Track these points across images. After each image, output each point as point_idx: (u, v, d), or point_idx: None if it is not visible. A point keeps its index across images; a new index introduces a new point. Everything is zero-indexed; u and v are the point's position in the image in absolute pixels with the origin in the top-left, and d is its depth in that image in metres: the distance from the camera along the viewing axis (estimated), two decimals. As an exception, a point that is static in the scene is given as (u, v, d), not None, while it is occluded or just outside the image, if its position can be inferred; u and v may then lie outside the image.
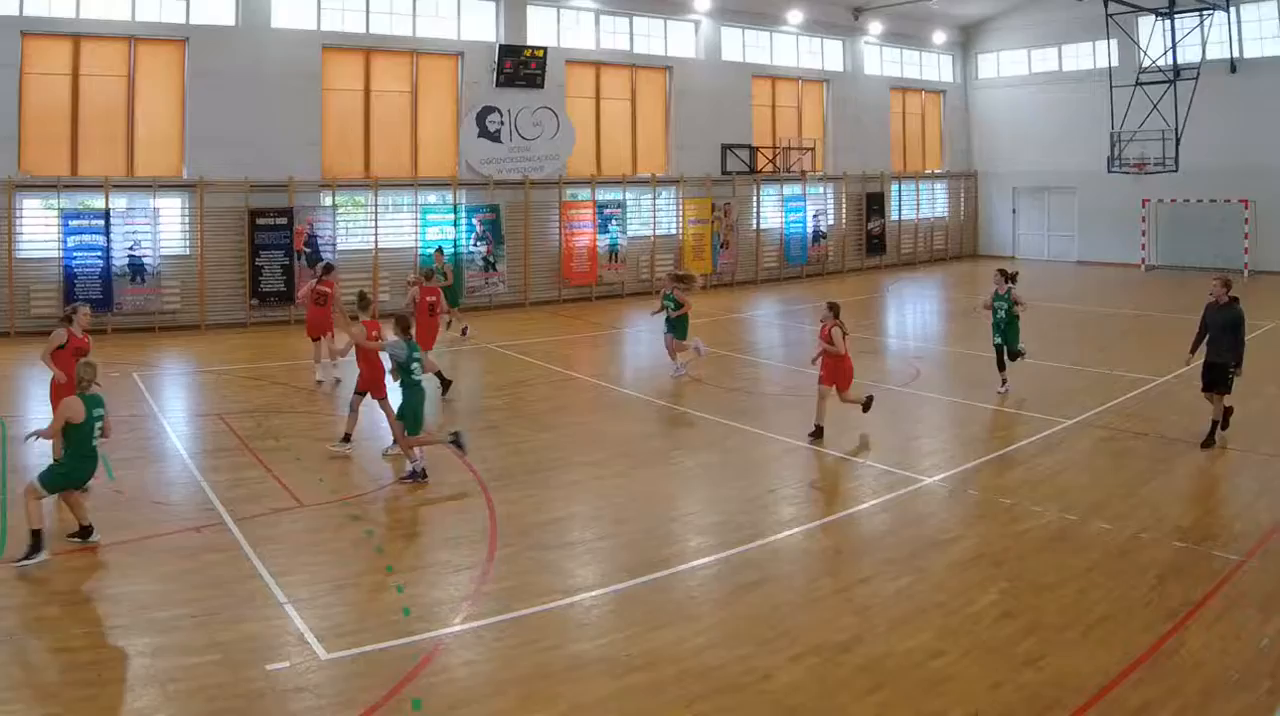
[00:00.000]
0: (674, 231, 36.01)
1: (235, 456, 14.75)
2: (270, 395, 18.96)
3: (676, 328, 20.55)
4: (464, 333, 25.70)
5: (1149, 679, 8.16)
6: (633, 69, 35.54)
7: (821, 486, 13.79)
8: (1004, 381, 18.74)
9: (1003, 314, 18.57)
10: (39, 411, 15.88)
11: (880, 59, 42.38)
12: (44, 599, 9.79)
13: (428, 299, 20.18)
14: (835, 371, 15.68)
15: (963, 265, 43.65)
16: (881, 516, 12.25)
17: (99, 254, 27.22)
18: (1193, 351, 15.57)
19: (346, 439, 14.94)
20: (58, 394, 12.77)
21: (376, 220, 30.93)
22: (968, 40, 45.98)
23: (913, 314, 32.85)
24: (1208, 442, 15.18)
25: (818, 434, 15.47)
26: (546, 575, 10.42)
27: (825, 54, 40.37)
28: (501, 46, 32.40)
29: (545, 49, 32.93)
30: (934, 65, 45.09)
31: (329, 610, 9.52)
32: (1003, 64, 45.14)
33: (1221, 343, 15.02)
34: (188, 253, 28.56)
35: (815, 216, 39.35)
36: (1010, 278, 18.93)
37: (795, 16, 38.33)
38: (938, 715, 7.71)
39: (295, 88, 29.45)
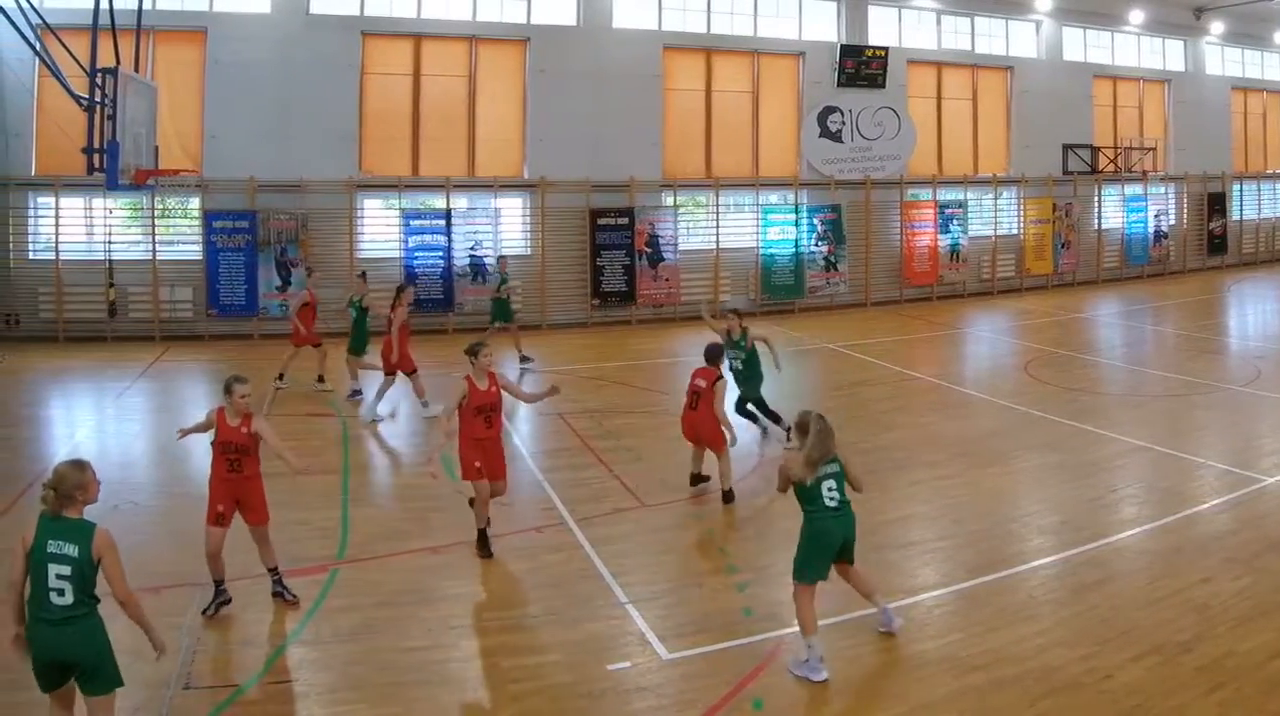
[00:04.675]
0: (1015, 231, 28.63)
1: (576, 456, 12.60)
2: (611, 395, 16.18)
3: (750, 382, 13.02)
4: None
5: None
6: (974, 69, 28.00)
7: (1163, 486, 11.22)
8: None
9: None
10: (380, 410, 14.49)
11: (1221, 59, 33.48)
12: (383, 599, 8.28)
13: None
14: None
15: (1306, 264, 36.25)
16: (1222, 517, 10.30)
17: (440, 254, 22.04)
18: None
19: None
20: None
21: (718, 220, 24.72)
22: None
23: (1254, 314, 26.68)
24: None
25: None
26: (887, 575, 8.55)
27: (1166, 54, 32.12)
28: (843, 46, 25.71)
29: (887, 49, 26.06)
30: (1276, 65, 35.84)
31: (670, 610, 8.15)
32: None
33: None
34: (528, 252, 23.08)
35: (1156, 216, 31.66)
36: None
37: (1136, 16, 30.03)
38: (1285, 722, 6.16)
39: (636, 87, 23.71)
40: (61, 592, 5.28)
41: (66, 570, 5.28)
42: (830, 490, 7.10)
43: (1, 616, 5.55)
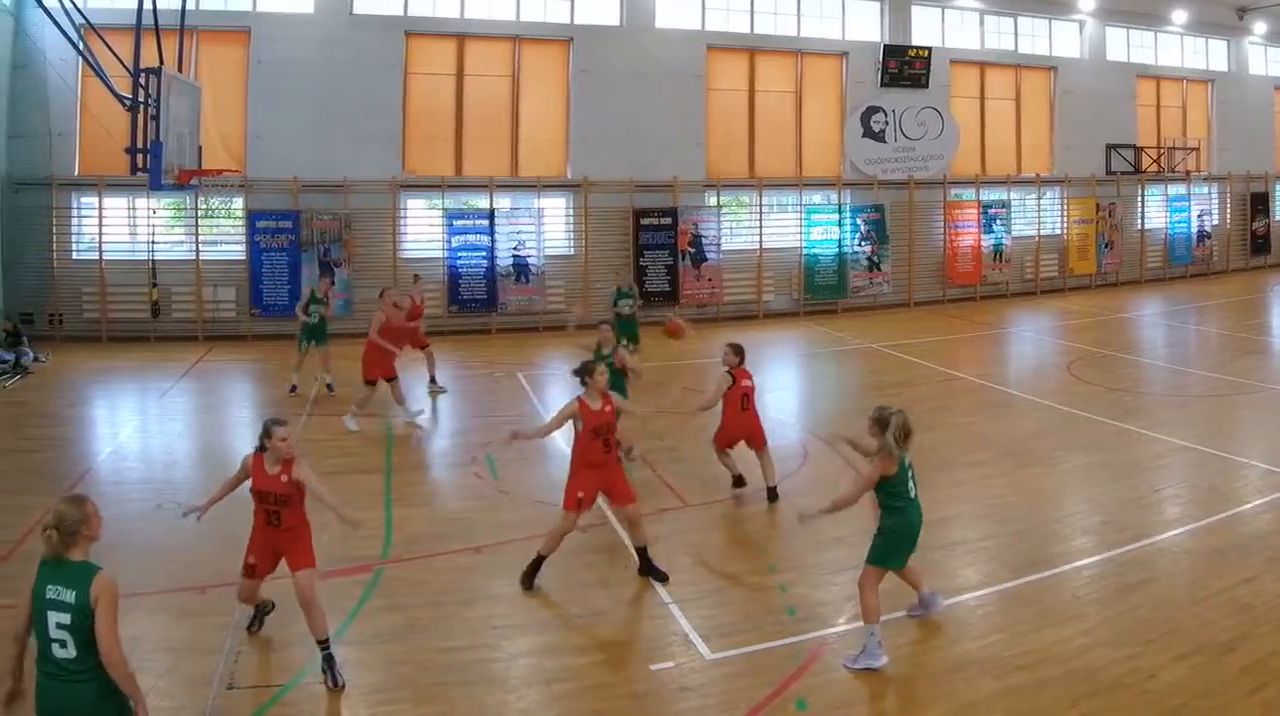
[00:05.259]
0: (1058, 231, 27.56)
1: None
2: (654, 395, 14.55)
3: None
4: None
5: None
6: (1017, 69, 26.94)
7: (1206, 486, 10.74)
8: None
9: None
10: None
11: (1265, 59, 32.16)
12: (427, 599, 7.97)
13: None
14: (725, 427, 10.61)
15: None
16: (1266, 516, 9.75)
17: (483, 254, 21.34)
18: None
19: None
20: None
21: (761, 220, 23.83)
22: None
23: (1297, 313, 25.43)
24: None
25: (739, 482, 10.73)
26: (930, 575, 7.92)
27: (1209, 54, 30.92)
28: (886, 46, 24.83)
29: (930, 49, 25.15)
30: (1319, 66, 34.55)
31: (713, 610, 7.84)
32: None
33: None
34: (571, 253, 22.35)
35: (1199, 216, 30.55)
36: None
37: (1179, 16, 28.88)
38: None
39: (679, 87, 22.94)
40: (64, 644, 4.55)
41: (66, 618, 4.55)
42: (912, 480, 7.08)
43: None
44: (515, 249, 21.52)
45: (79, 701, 4.56)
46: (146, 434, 13.54)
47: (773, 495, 10.24)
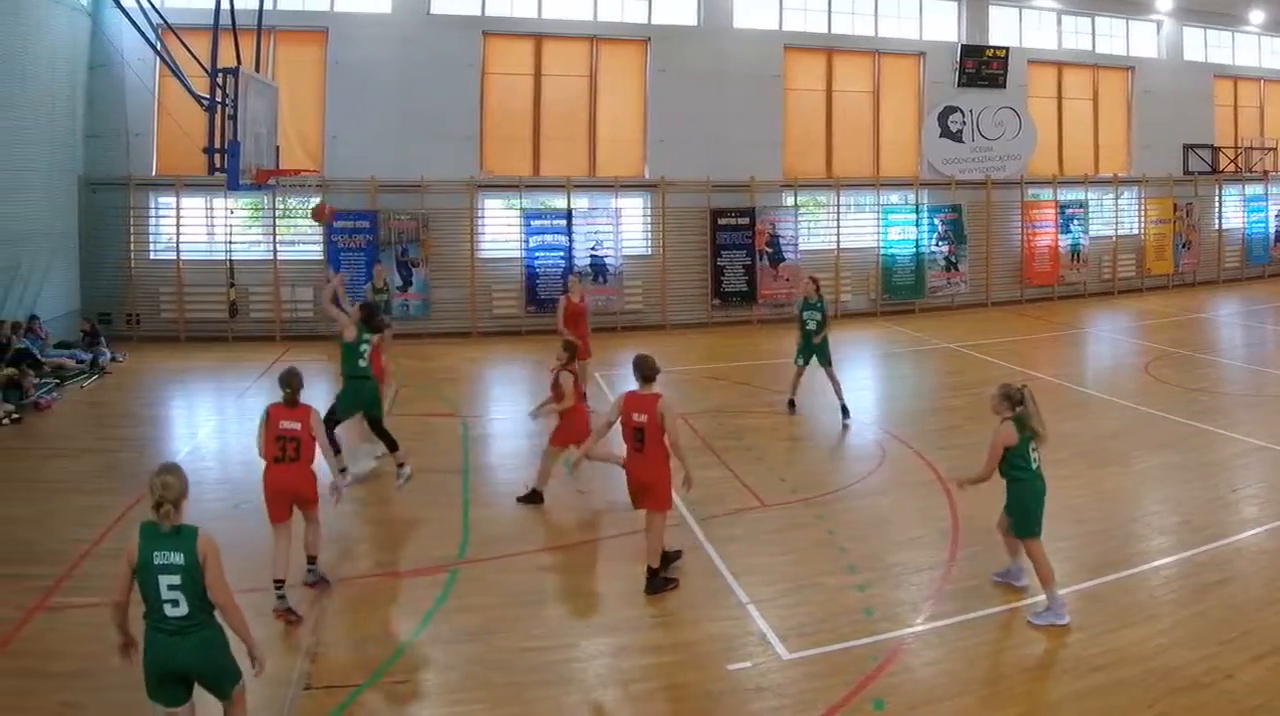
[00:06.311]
0: (1136, 231, 25.95)
1: (697, 456, 10.86)
2: (732, 395, 14.96)
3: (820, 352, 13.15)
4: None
5: None
6: (1094, 69, 25.33)
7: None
8: None
9: None
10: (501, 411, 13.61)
11: (1342, 59, 30.72)
12: (503, 600, 7.68)
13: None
14: (566, 427, 9.77)
15: None
16: None
17: (561, 254, 20.12)
18: None
19: None
20: None
21: (838, 220, 22.42)
22: None
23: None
24: None
25: (532, 497, 9.88)
26: None
27: (1287, 54, 29.31)
28: (963, 46, 23.32)
29: (1007, 49, 23.58)
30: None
31: (790, 610, 7.47)
32: None
33: None
34: (649, 253, 21.04)
35: (1277, 216, 28.85)
36: None
37: (1257, 16, 27.08)
38: None
39: (757, 87, 21.60)
40: (175, 603, 4.82)
41: (176, 579, 4.81)
42: (1034, 451, 7.22)
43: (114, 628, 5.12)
44: (593, 249, 20.29)
45: (191, 651, 4.85)
46: (224, 434, 12.75)
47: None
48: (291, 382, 7.59)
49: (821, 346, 13.05)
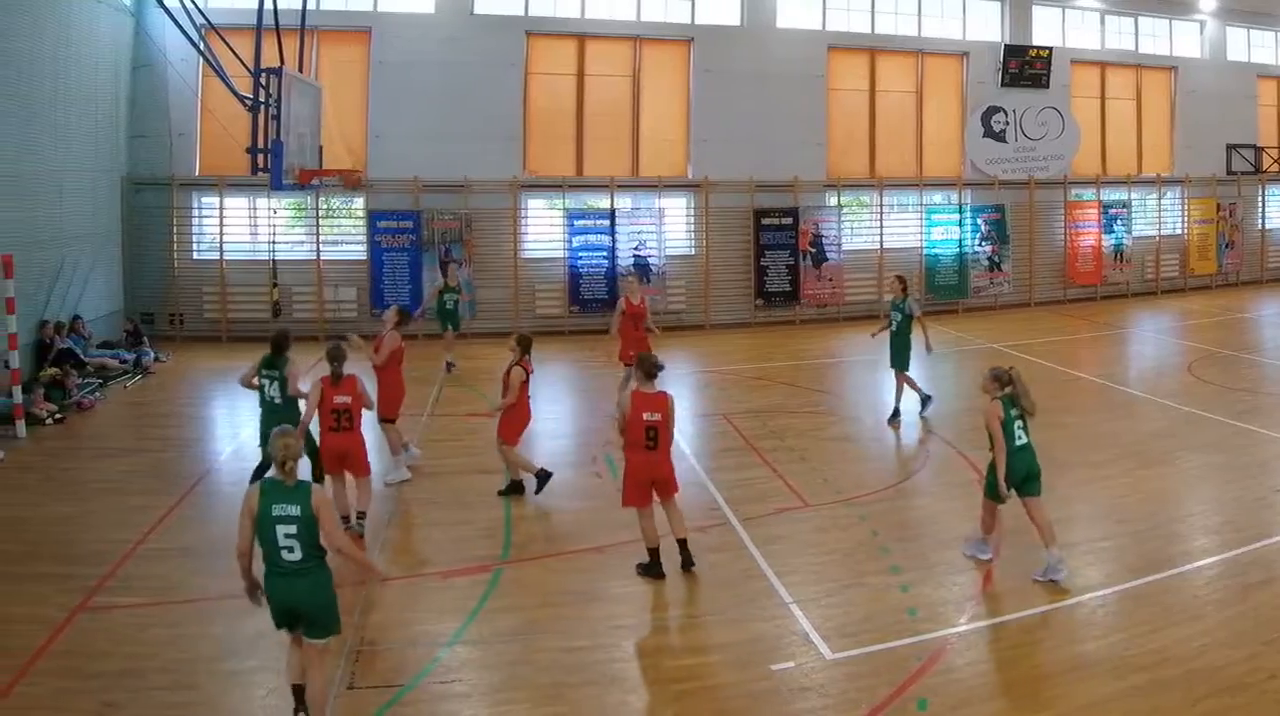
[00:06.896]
0: (1179, 231, 25.14)
1: (740, 456, 11.33)
2: (775, 395, 14.63)
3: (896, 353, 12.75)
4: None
5: None
6: (1138, 69, 24.50)
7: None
8: None
9: None
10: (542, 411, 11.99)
11: (1386, 60, 29.74)
12: (546, 600, 7.57)
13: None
14: (511, 421, 9.69)
15: None
16: None
17: (604, 254, 19.46)
18: None
19: None
20: None
21: (882, 220, 21.72)
22: None
23: None
24: None
25: (513, 488, 9.86)
26: None
27: (1330, 55, 28.40)
28: (1007, 46, 22.50)
29: (1050, 49, 22.74)
30: None
31: (834, 610, 7.35)
32: None
33: None
34: (692, 252, 20.36)
35: None
36: None
37: (1299, 16, 26.96)
38: None
39: (800, 87, 20.90)
40: (291, 550, 5.34)
41: (293, 529, 5.32)
42: (1020, 426, 7.64)
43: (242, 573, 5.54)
44: (636, 249, 19.64)
45: (304, 589, 5.40)
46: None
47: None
48: (337, 357, 8.47)
49: (898, 348, 12.45)
